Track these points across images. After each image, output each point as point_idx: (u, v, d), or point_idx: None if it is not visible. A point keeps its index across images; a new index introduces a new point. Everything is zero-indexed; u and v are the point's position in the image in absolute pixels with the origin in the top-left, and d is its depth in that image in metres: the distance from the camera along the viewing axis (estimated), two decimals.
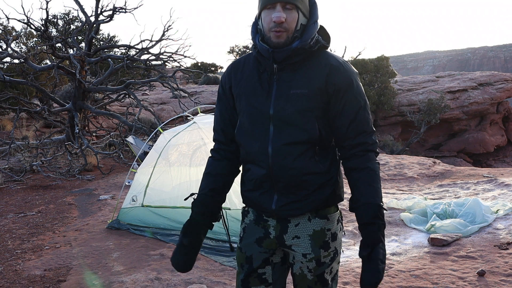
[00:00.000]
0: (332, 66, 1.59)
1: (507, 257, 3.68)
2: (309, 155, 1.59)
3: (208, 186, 1.76)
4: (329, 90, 1.58)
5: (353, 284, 3.41)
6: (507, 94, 22.82)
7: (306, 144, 1.58)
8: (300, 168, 1.58)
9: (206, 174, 1.80)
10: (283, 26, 1.53)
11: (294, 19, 1.55)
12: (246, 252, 1.72)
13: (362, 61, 21.06)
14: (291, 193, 1.61)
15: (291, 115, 1.57)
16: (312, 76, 1.58)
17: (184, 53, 11.80)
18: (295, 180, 1.59)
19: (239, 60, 1.75)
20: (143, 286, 3.47)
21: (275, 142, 1.59)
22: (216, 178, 1.77)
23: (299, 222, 1.64)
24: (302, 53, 1.58)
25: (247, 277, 1.72)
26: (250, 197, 1.71)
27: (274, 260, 1.72)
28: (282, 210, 1.63)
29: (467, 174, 7.62)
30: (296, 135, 1.57)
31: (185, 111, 9.66)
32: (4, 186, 7.90)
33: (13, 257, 4.36)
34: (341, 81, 1.58)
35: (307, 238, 1.64)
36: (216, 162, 1.80)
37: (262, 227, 1.70)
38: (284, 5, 1.53)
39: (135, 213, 5.16)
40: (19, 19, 10.61)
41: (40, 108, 11.13)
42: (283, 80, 1.60)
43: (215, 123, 1.81)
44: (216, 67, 32.93)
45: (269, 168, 1.60)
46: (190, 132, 5.22)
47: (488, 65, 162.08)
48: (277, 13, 1.52)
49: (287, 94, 1.58)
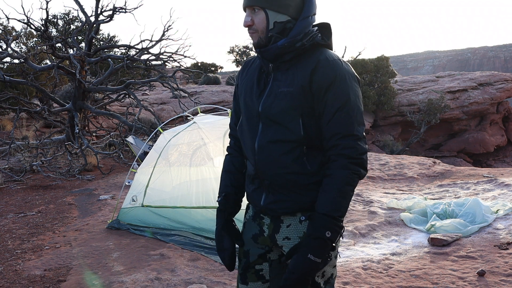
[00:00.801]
0: (318, 63, 1.55)
1: (507, 257, 3.68)
2: (295, 154, 1.57)
3: (231, 183, 1.81)
4: (313, 88, 1.55)
5: (353, 284, 3.41)
6: (507, 94, 22.84)
7: (291, 143, 1.57)
8: (284, 166, 1.58)
9: (225, 172, 1.84)
10: (252, 28, 1.60)
11: (261, 19, 1.58)
12: (245, 246, 1.76)
13: (362, 61, 21.08)
14: (277, 191, 1.62)
15: (276, 113, 1.58)
16: (299, 73, 1.57)
17: (184, 53, 11.79)
18: (280, 178, 1.60)
19: (250, 59, 1.81)
20: (143, 286, 3.47)
21: (261, 139, 1.62)
22: (236, 175, 1.81)
23: (290, 223, 1.64)
24: (292, 50, 1.57)
25: (244, 272, 1.75)
26: (248, 192, 1.76)
27: (272, 257, 1.73)
28: (269, 208, 1.65)
29: (467, 174, 7.62)
30: (280, 133, 1.58)
31: (185, 111, 9.65)
32: (4, 186, 7.90)
33: (13, 257, 4.36)
34: (323, 79, 1.53)
35: (297, 240, 1.62)
36: (234, 158, 1.84)
37: (257, 224, 1.73)
38: (251, 8, 1.59)
39: (135, 213, 5.16)
40: (19, 19, 10.60)
41: (40, 108, 11.13)
42: (276, 79, 1.62)
43: (231, 120, 1.88)
44: (216, 67, 32.95)
45: (256, 165, 1.64)
46: (190, 132, 5.23)
47: (488, 65, 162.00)
48: (245, 18, 1.61)
49: (276, 93, 1.60)
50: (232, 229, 1.77)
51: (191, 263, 3.97)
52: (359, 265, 3.77)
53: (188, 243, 4.45)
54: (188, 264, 3.96)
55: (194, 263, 3.97)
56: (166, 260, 4.04)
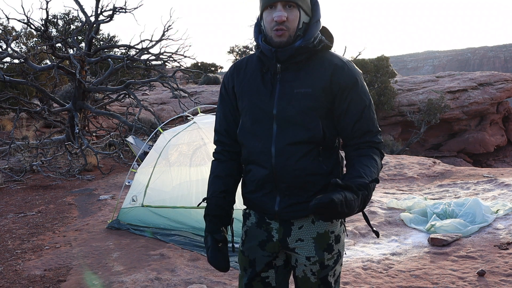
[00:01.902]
0: (336, 66, 1.58)
1: (507, 257, 3.68)
2: (313, 155, 1.57)
3: (220, 188, 1.73)
4: (334, 89, 1.57)
5: (353, 284, 3.41)
6: (507, 94, 22.83)
7: (310, 144, 1.57)
8: (304, 168, 1.56)
9: (215, 177, 1.76)
10: (285, 25, 1.53)
11: (296, 17, 1.55)
12: (249, 255, 1.71)
13: (362, 61, 21.07)
14: (294, 194, 1.59)
15: (295, 114, 1.56)
16: (316, 75, 1.58)
17: (184, 53, 11.81)
18: (299, 180, 1.57)
19: (241, 60, 1.75)
20: (143, 286, 3.47)
21: (278, 142, 1.57)
22: (226, 180, 1.74)
23: (302, 224, 1.62)
24: (305, 52, 1.57)
25: (250, 281, 1.70)
26: (252, 198, 1.69)
27: (277, 264, 1.71)
28: (285, 212, 1.61)
29: (467, 174, 7.62)
30: (300, 134, 1.56)
31: (185, 111, 9.65)
32: (4, 186, 7.90)
33: (13, 257, 4.36)
34: (345, 80, 1.57)
35: (310, 241, 1.62)
36: (223, 164, 1.76)
37: (264, 230, 1.68)
38: (284, 4, 1.53)
39: (135, 213, 5.16)
40: (19, 19, 10.61)
41: (40, 108, 11.13)
42: (286, 80, 1.60)
43: (217, 125, 1.78)
44: (216, 67, 32.93)
45: (272, 169, 1.58)
46: (190, 132, 5.23)
47: (488, 65, 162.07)
48: (278, 12, 1.52)
49: (291, 94, 1.57)
50: (218, 228, 1.69)
51: (191, 263, 3.97)
52: (359, 265, 3.77)
53: (188, 243, 4.45)
54: (188, 264, 3.96)
55: (194, 263, 3.97)
56: (166, 260, 4.04)
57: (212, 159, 1.82)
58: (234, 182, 1.77)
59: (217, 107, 1.80)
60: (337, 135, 1.66)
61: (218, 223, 1.70)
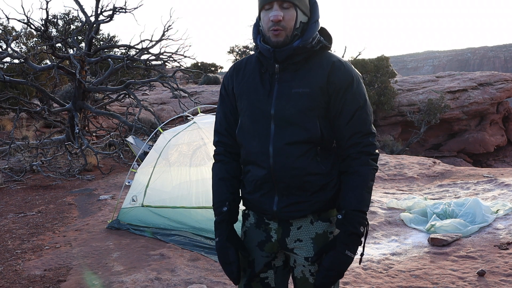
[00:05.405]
0: (333, 65, 1.59)
1: (507, 257, 3.68)
2: (311, 155, 1.57)
3: (229, 190, 1.70)
4: (330, 89, 1.58)
5: (353, 284, 3.41)
6: (507, 94, 22.82)
7: (308, 144, 1.57)
8: (302, 168, 1.57)
9: (220, 179, 1.72)
10: (281, 25, 1.54)
11: (292, 17, 1.55)
12: (249, 256, 1.70)
13: (362, 61, 21.06)
14: (292, 194, 1.59)
15: (293, 114, 1.56)
16: (314, 75, 1.58)
17: (184, 53, 11.80)
18: (297, 180, 1.57)
19: (241, 61, 1.76)
20: (143, 286, 3.47)
21: (276, 142, 1.57)
22: (232, 181, 1.72)
23: (301, 225, 1.62)
24: (304, 52, 1.57)
25: (249, 282, 1.70)
26: (251, 199, 1.69)
27: (276, 264, 1.70)
28: (284, 212, 1.61)
29: (467, 174, 7.62)
30: (298, 134, 1.56)
31: (185, 111, 9.65)
32: (4, 186, 7.90)
33: (13, 257, 4.36)
34: (341, 80, 1.57)
35: (309, 242, 1.62)
36: (227, 165, 1.74)
37: (263, 231, 1.68)
38: (281, 3, 1.54)
39: (135, 213, 5.16)
40: (19, 19, 10.61)
41: (40, 108, 11.13)
42: (284, 80, 1.60)
43: (218, 126, 1.77)
44: (216, 67, 32.94)
45: (270, 169, 1.58)
46: (190, 132, 5.23)
47: (488, 65, 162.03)
48: (275, 12, 1.53)
49: (289, 94, 1.58)
50: (237, 239, 1.67)
51: (191, 263, 3.97)
52: (359, 265, 3.77)
53: (188, 243, 4.45)
54: (188, 264, 3.96)
55: (194, 263, 3.97)
56: (166, 260, 4.04)
57: (214, 161, 1.80)
58: (239, 183, 1.76)
59: (217, 108, 1.79)
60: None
61: (233, 229, 1.69)
